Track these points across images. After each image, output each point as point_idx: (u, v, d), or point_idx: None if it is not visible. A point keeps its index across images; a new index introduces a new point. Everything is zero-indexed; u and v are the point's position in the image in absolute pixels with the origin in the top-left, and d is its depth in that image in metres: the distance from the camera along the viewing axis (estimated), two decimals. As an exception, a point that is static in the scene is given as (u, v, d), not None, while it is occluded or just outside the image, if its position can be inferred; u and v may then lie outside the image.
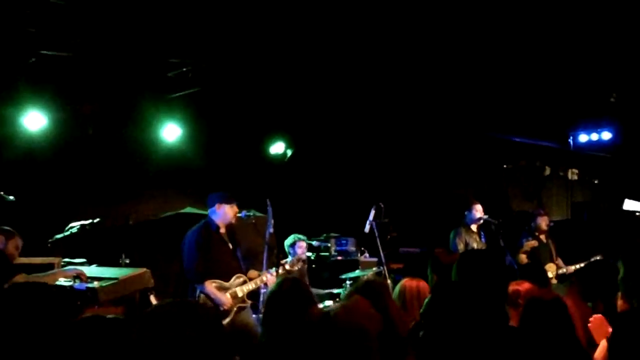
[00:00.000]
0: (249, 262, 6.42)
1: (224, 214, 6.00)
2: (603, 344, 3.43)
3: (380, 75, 8.23)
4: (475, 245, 7.86)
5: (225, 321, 5.65)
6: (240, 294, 5.87)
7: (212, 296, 5.71)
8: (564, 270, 7.90)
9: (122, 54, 6.92)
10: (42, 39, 6.47)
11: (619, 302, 3.65)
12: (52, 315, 2.38)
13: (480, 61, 7.93)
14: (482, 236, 8.09)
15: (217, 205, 5.98)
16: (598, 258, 7.83)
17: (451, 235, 8.00)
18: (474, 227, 8.07)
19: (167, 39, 6.81)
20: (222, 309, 5.69)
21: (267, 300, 3.50)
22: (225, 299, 5.72)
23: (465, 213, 8.03)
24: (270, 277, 6.04)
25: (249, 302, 5.95)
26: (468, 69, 8.15)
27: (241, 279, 5.95)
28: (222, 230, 6.04)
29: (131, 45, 6.78)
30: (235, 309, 5.80)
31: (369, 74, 8.20)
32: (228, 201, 6.01)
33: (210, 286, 5.73)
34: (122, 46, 6.77)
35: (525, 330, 3.15)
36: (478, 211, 7.99)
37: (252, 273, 6.10)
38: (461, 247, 7.84)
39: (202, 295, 5.77)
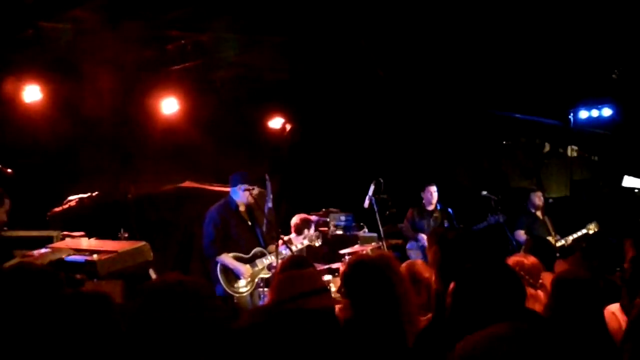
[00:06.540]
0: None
1: (243, 194, 6.28)
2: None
3: (381, 51, 8.17)
4: (425, 225, 8.10)
5: (247, 289, 6.10)
6: (260, 266, 6.18)
7: (231, 266, 6.06)
8: (563, 242, 7.96)
9: (121, 26, 6.84)
10: (40, 10, 6.40)
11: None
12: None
13: (480, 37, 7.86)
14: (441, 215, 8.21)
15: (238, 186, 6.27)
16: (592, 226, 7.96)
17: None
18: (430, 208, 8.21)
19: (166, 10, 6.74)
20: (242, 278, 6.05)
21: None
22: (244, 268, 6.06)
23: None
24: (288, 252, 6.19)
25: (270, 273, 6.18)
26: (468, 46, 8.08)
27: (260, 252, 6.25)
28: (242, 208, 6.36)
29: (131, 18, 6.70)
30: (256, 280, 6.16)
31: (369, 50, 8.12)
32: (249, 183, 6.29)
33: (228, 257, 6.08)
34: (122, 18, 6.69)
35: (556, 312, 3.00)
36: (429, 192, 8.17)
37: (271, 247, 6.28)
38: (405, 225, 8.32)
39: (222, 268, 6.04)
